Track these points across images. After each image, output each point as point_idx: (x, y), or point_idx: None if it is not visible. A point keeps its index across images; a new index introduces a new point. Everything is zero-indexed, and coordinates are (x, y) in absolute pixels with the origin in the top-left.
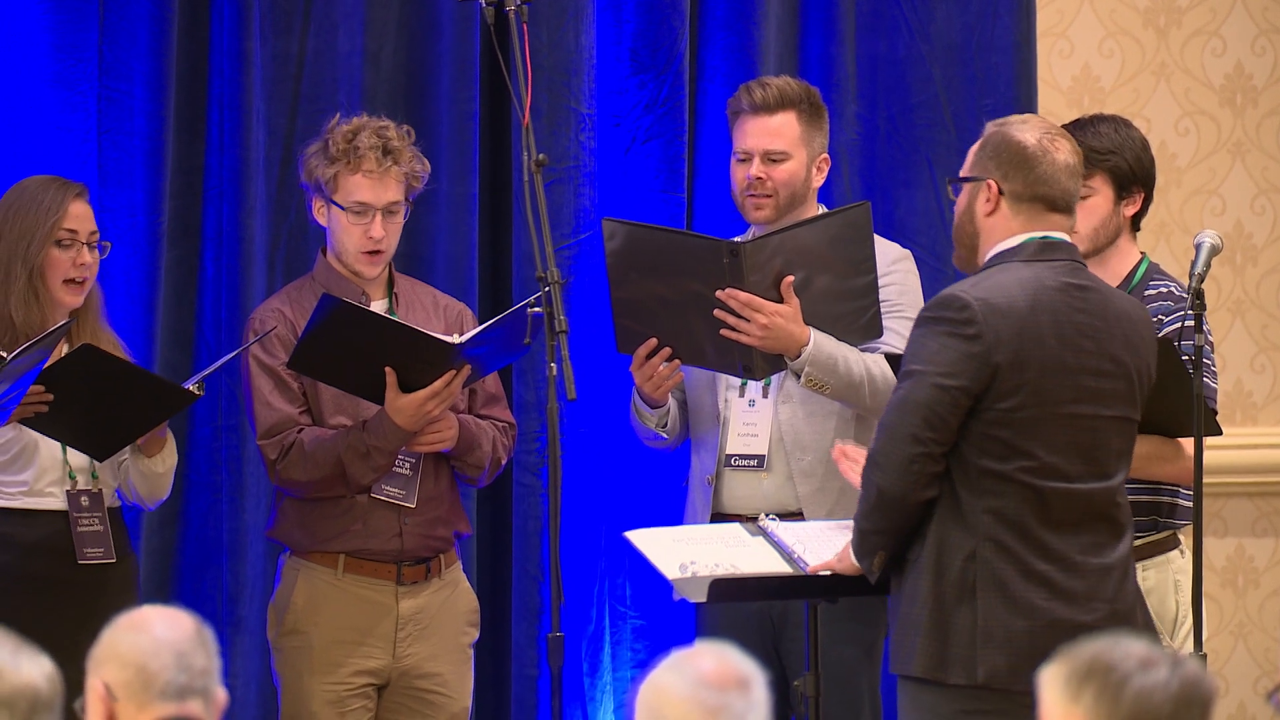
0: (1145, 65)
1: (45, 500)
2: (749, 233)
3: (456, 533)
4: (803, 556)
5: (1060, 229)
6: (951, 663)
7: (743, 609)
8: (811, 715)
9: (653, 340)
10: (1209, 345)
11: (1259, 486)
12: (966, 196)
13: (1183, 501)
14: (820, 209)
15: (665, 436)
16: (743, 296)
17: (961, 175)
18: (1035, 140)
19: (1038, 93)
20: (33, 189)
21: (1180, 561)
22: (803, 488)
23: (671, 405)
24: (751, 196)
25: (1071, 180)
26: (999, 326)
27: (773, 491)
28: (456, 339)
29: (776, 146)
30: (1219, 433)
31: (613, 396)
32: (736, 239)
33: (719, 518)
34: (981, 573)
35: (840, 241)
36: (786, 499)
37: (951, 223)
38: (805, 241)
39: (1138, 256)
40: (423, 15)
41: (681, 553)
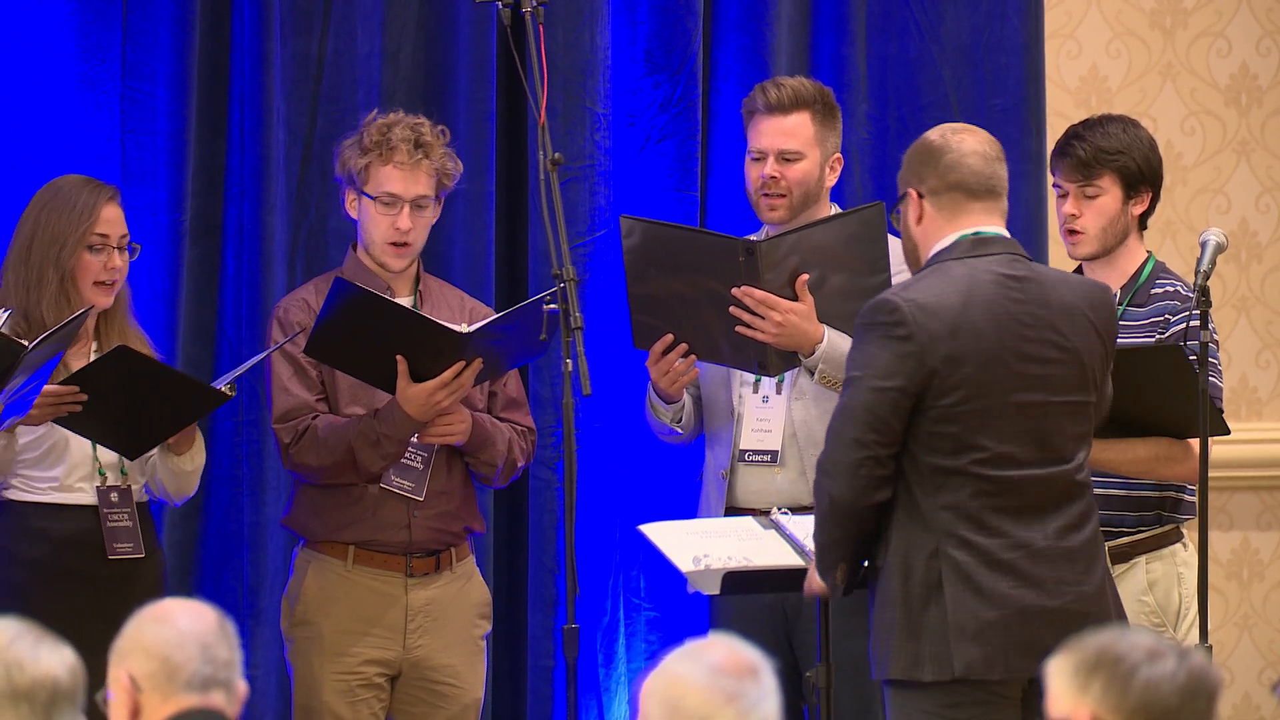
0: (1152, 66)
1: (75, 495)
2: (762, 231)
3: (469, 529)
4: (814, 550)
5: (988, 220)
6: (925, 661)
7: (756, 601)
8: (823, 706)
9: (669, 336)
10: (1215, 343)
11: (1264, 481)
12: (902, 217)
13: (1187, 496)
14: (834, 208)
15: (680, 432)
16: (758, 294)
17: (897, 202)
18: (938, 135)
19: (1046, 93)
20: (66, 191)
21: (1184, 554)
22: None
23: (686, 401)
24: (766, 196)
25: (984, 164)
26: (929, 325)
27: (786, 486)
28: (464, 329)
29: (791, 146)
30: (1226, 432)
31: (627, 392)
32: (751, 237)
33: (733, 512)
34: (946, 568)
35: (855, 241)
36: (800, 493)
37: None
38: (820, 240)
39: (1144, 255)
40: (440, 16)
41: (695, 546)
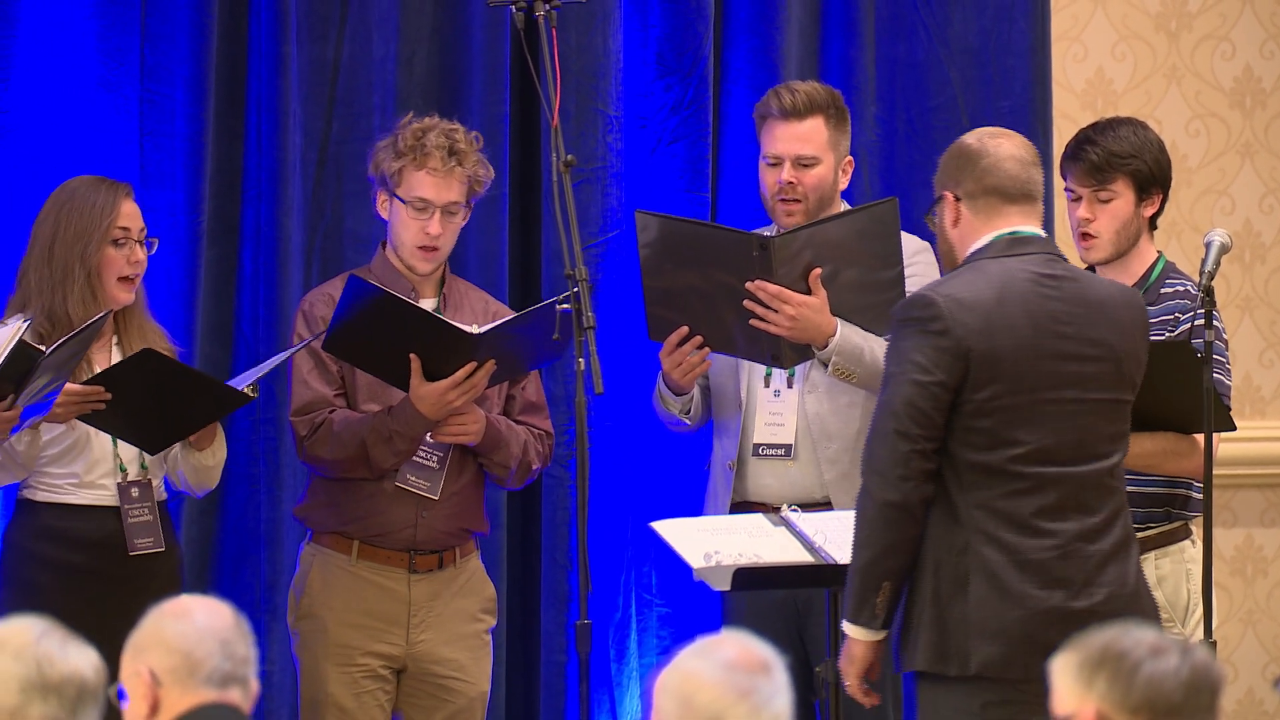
0: (1157, 68)
1: (96, 492)
2: (775, 227)
3: (471, 530)
4: (823, 547)
5: (1026, 221)
6: (950, 655)
7: (768, 596)
8: (833, 700)
9: (684, 328)
10: (1222, 342)
11: (1268, 478)
12: (938, 219)
13: (1195, 494)
14: (844, 208)
15: (687, 422)
16: (772, 288)
17: (933, 205)
18: (975, 140)
19: (1052, 95)
20: (83, 190)
21: (1192, 551)
22: (829, 474)
23: (695, 393)
24: (783, 202)
25: (1022, 169)
26: (966, 319)
27: (799, 479)
28: (475, 329)
29: (807, 151)
30: (1233, 428)
31: (639, 390)
32: (765, 231)
33: (745, 505)
34: (974, 565)
35: (867, 236)
36: (812, 486)
37: None
38: (833, 235)
39: (1154, 256)
40: (455, 21)
41: (706, 543)
